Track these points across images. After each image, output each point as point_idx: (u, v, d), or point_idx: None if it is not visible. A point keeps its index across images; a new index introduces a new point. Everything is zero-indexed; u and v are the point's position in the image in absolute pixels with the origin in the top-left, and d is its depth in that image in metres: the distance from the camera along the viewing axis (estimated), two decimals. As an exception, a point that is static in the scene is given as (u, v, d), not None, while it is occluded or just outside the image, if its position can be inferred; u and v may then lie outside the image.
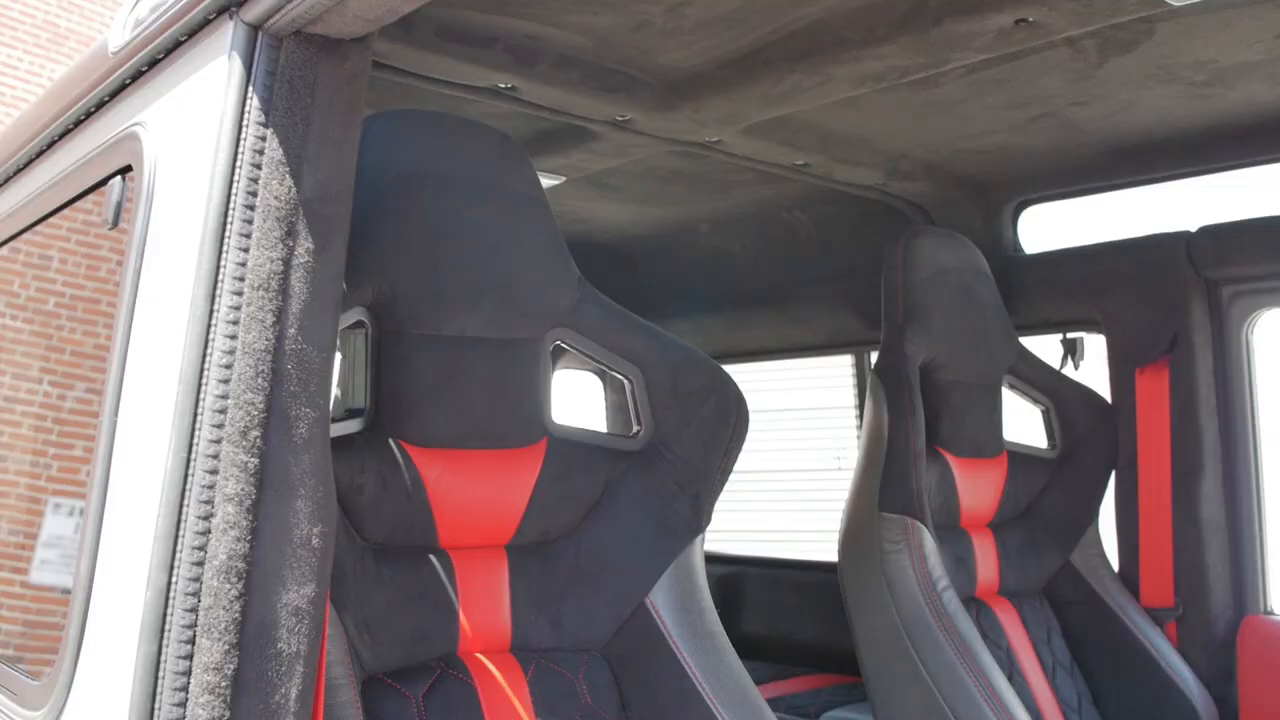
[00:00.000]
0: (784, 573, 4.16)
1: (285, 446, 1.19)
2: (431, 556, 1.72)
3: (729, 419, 1.92)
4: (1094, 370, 3.10)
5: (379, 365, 1.68)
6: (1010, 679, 2.43)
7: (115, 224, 1.51)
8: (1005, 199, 3.24)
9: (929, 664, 2.40)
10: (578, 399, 4.58)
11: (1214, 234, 2.84)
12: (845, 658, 3.57)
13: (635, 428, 1.94)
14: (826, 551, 4.58)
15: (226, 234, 1.19)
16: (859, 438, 4.21)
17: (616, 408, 4.59)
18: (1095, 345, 3.14)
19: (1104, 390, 3.01)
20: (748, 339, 4.07)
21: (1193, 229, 2.88)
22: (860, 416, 4.14)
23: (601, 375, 4.58)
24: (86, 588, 1.31)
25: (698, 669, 1.80)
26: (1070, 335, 3.18)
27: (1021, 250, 3.28)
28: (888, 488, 2.54)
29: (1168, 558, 2.84)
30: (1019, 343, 2.95)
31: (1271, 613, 2.84)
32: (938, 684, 2.38)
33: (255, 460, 1.16)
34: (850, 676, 3.68)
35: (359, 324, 1.68)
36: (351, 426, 1.68)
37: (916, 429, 2.56)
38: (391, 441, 1.67)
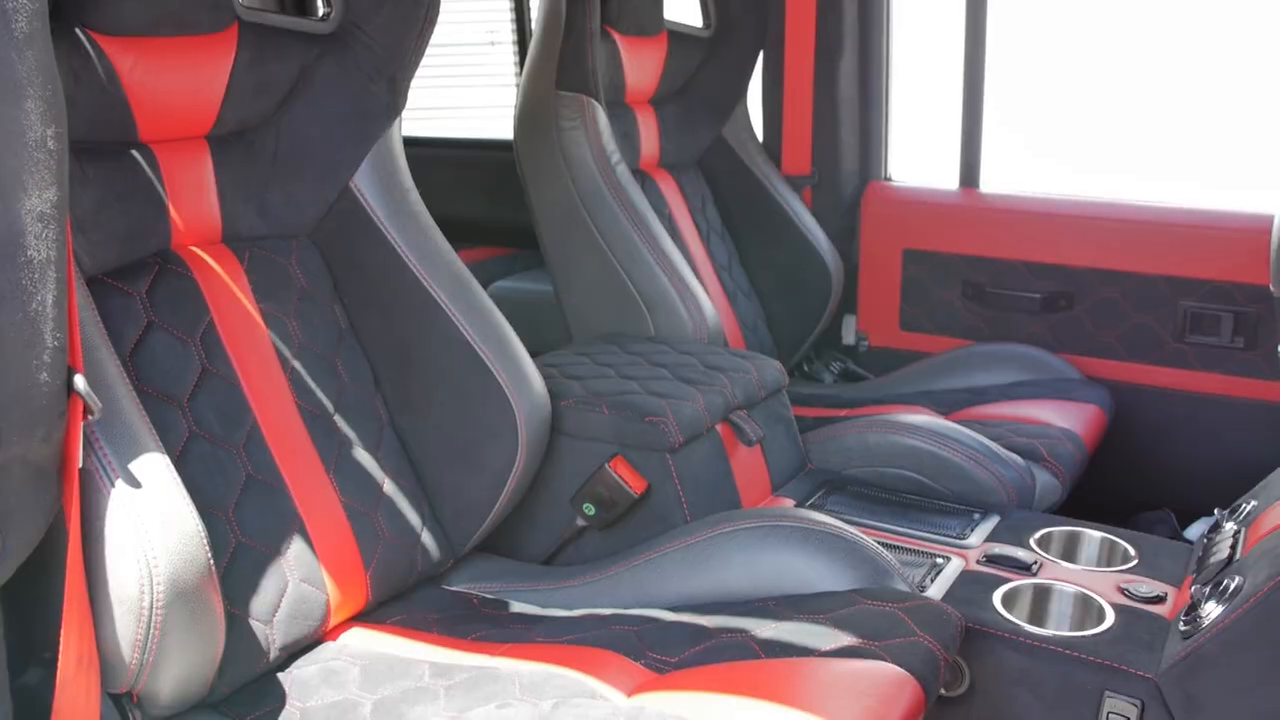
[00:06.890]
0: (441, 151, 4.20)
1: (7, 43, 1.11)
2: (134, 152, 1.66)
3: (422, 1, 1.90)
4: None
5: None
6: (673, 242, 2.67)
7: None
8: None
9: (605, 232, 2.60)
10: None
11: None
12: (505, 231, 3.75)
13: (324, 9, 1.89)
14: (483, 129, 4.63)
15: None
16: (512, 13, 4.20)
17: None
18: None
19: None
20: None
21: None
22: (512, -10, 4.10)
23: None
24: None
25: (405, 246, 1.90)
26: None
27: None
28: (565, 67, 2.61)
29: (807, 131, 3.14)
30: (678, -77, 2.99)
31: (889, 179, 3.24)
32: (613, 250, 2.60)
33: None
34: (510, 248, 3.87)
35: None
36: (31, 15, 1.54)
37: (593, 9, 2.60)
38: (79, 32, 1.55)
